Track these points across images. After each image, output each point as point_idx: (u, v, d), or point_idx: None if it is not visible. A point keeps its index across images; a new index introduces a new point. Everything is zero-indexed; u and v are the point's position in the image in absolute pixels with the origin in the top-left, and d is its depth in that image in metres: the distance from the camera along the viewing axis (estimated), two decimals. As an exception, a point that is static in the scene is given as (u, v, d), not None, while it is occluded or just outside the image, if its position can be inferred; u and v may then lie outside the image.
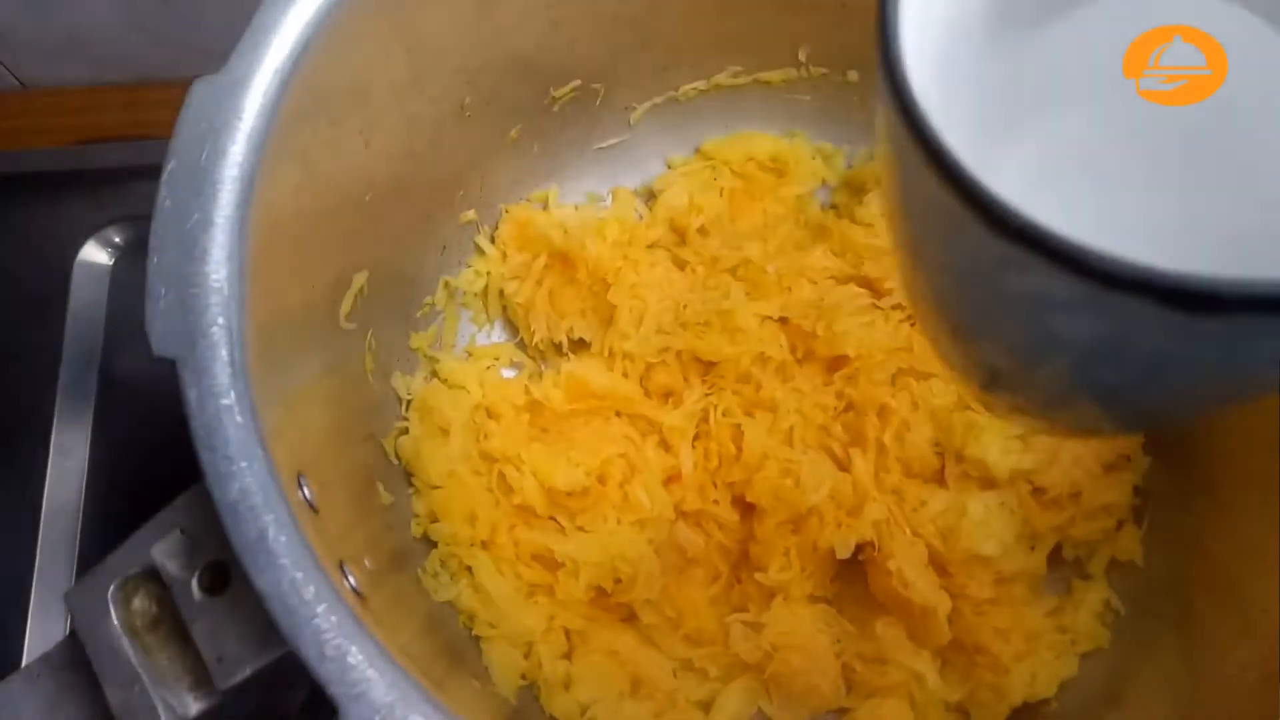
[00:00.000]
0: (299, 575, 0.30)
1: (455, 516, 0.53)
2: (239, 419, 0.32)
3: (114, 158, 0.73)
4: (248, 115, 0.37)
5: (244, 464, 0.32)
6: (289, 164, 0.39)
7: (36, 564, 0.61)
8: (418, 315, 0.58)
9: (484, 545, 0.53)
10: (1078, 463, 0.53)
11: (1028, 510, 0.53)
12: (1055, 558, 0.54)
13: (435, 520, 0.53)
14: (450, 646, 0.49)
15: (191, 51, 0.77)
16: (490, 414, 0.57)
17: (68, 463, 0.65)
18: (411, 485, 0.54)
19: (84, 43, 0.78)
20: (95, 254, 0.71)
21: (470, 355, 0.60)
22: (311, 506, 0.35)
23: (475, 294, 0.61)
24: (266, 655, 0.32)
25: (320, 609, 0.30)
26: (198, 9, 0.73)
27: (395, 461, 0.54)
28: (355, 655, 0.30)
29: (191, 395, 0.32)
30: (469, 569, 0.52)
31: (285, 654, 0.30)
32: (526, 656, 0.52)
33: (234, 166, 0.36)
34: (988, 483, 0.54)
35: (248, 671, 0.31)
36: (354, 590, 0.34)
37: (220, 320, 0.34)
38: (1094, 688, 0.50)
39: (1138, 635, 0.51)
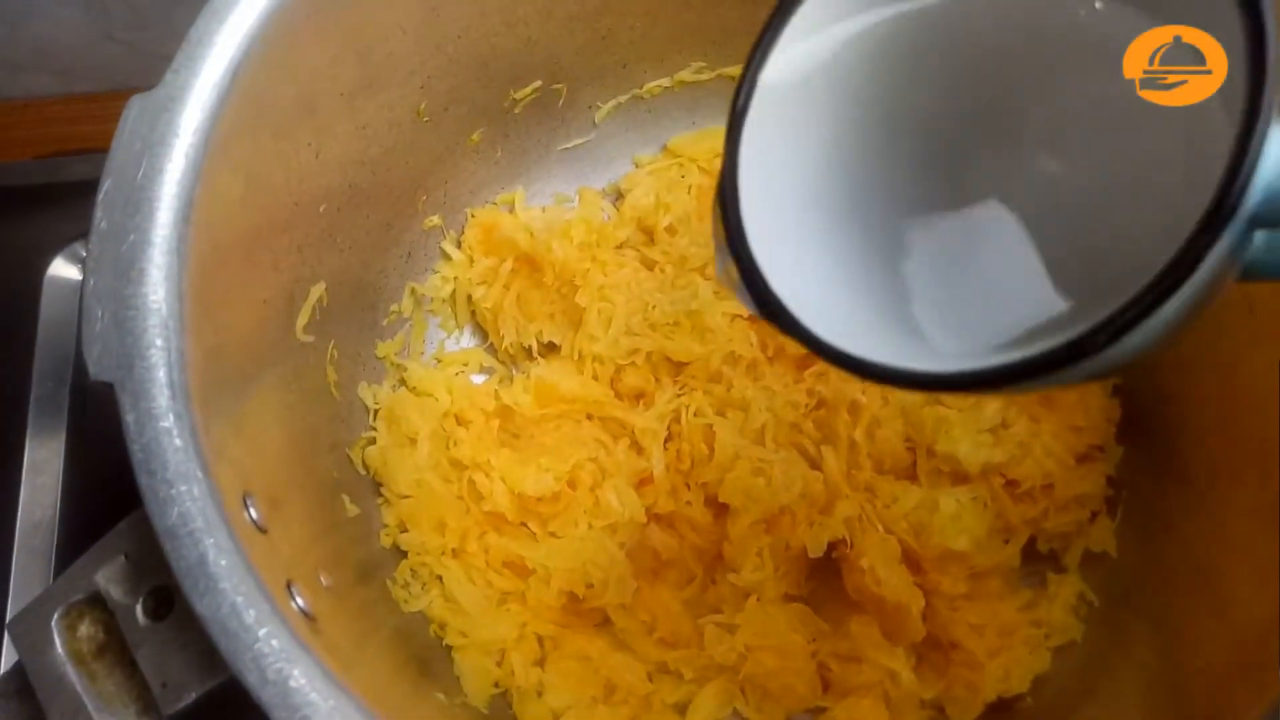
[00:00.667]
0: (240, 599, 0.30)
1: (425, 525, 0.52)
2: (178, 442, 0.32)
3: (84, 170, 0.73)
4: (185, 131, 0.36)
5: (183, 488, 0.31)
6: (231, 179, 0.38)
7: (11, 582, 0.61)
8: (384, 323, 0.57)
9: (454, 554, 0.52)
10: (1050, 454, 0.53)
11: (1000, 504, 0.53)
12: (1029, 551, 0.54)
13: (405, 530, 0.53)
14: (419, 658, 0.49)
15: (163, 61, 0.76)
16: (459, 421, 0.56)
17: (41, 479, 0.64)
18: (380, 495, 0.54)
19: (54, 54, 0.77)
20: (65, 269, 0.70)
21: (439, 362, 0.60)
22: (259, 527, 0.35)
23: (443, 300, 0.60)
24: (211, 680, 0.31)
25: (262, 633, 0.30)
26: (168, 18, 0.73)
27: (363, 472, 0.53)
28: (297, 679, 0.29)
29: (129, 419, 0.32)
30: (440, 578, 0.52)
31: (230, 679, 0.30)
32: (499, 664, 0.51)
33: (172, 184, 0.35)
34: (959, 477, 0.53)
35: (193, 697, 0.31)
36: (302, 612, 0.34)
37: (158, 342, 0.33)
38: (1067, 681, 0.50)
39: (1111, 627, 0.50)
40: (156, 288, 0.34)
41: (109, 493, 0.62)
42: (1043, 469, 0.52)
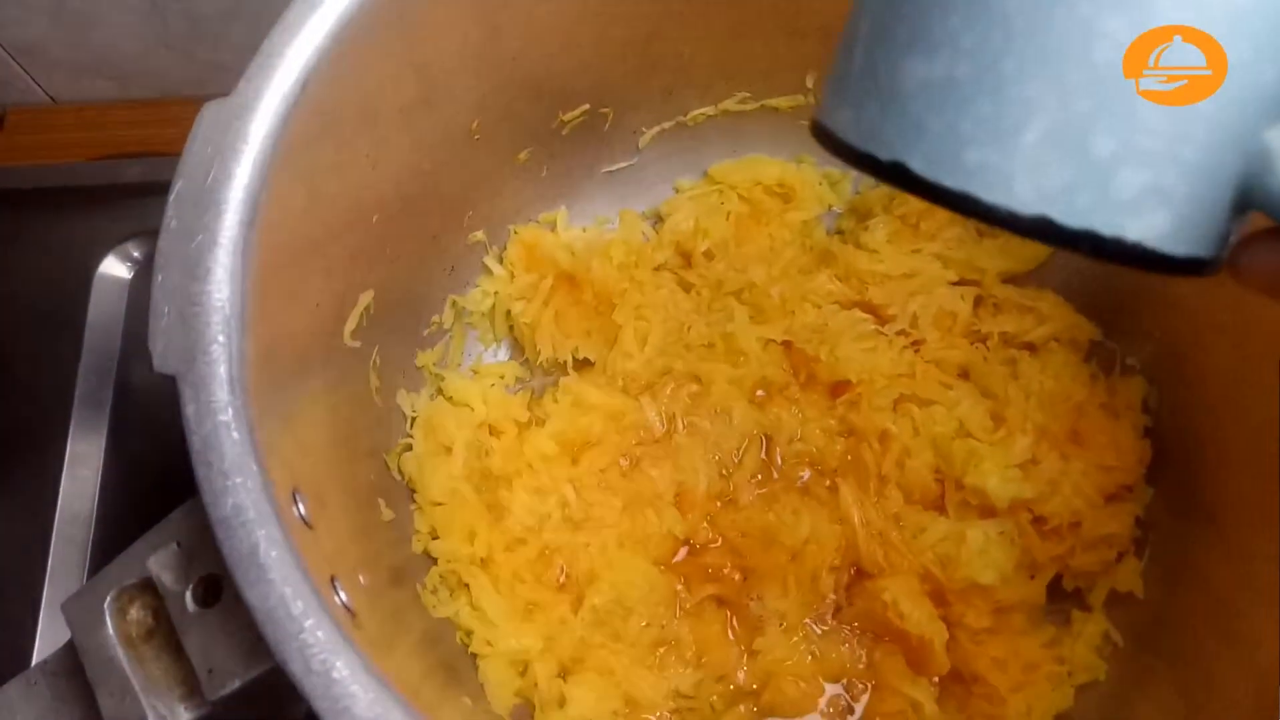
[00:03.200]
0: (288, 590, 0.31)
1: (455, 534, 0.53)
2: (235, 435, 0.33)
3: (137, 173, 0.75)
4: (254, 139, 0.37)
5: (239, 480, 0.32)
6: (295, 186, 0.40)
7: (48, 571, 0.62)
8: (425, 333, 0.58)
9: (483, 563, 0.53)
10: (1079, 492, 0.53)
11: (1028, 539, 0.53)
12: (1054, 588, 0.54)
13: (436, 537, 0.53)
14: (446, 663, 0.50)
15: (218, 70, 0.79)
16: (493, 431, 0.57)
17: (82, 472, 0.66)
18: (414, 502, 0.55)
19: (113, 60, 0.79)
20: (115, 268, 0.72)
21: (476, 373, 0.61)
22: (306, 522, 0.36)
23: (482, 313, 0.62)
24: (256, 668, 0.32)
25: (308, 624, 0.31)
26: (224, 28, 0.75)
27: (398, 477, 0.54)
28: (340, 670, 0.30)
29: (190, 411, 0.33)
30: (467, 586, 0.53)
31: (274, 667, 0.31)
32: (522, 675, 0.52)
33: (240, 189, 0.37)
34: (987, 511, 0.54)
35: (237, 684, 0.32)
36: (344, 606, 0.35)
37: (220, 338, 0.34)
38: (1089, 720, 0.50)
39: (1135, 668, 0.50)
40: (221, 286, 0.35)
41: (147, 488, 0.65)
42: (1071, 507, 0.53)
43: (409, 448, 0.55)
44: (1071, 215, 0.24)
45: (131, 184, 0.74)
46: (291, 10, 0.40)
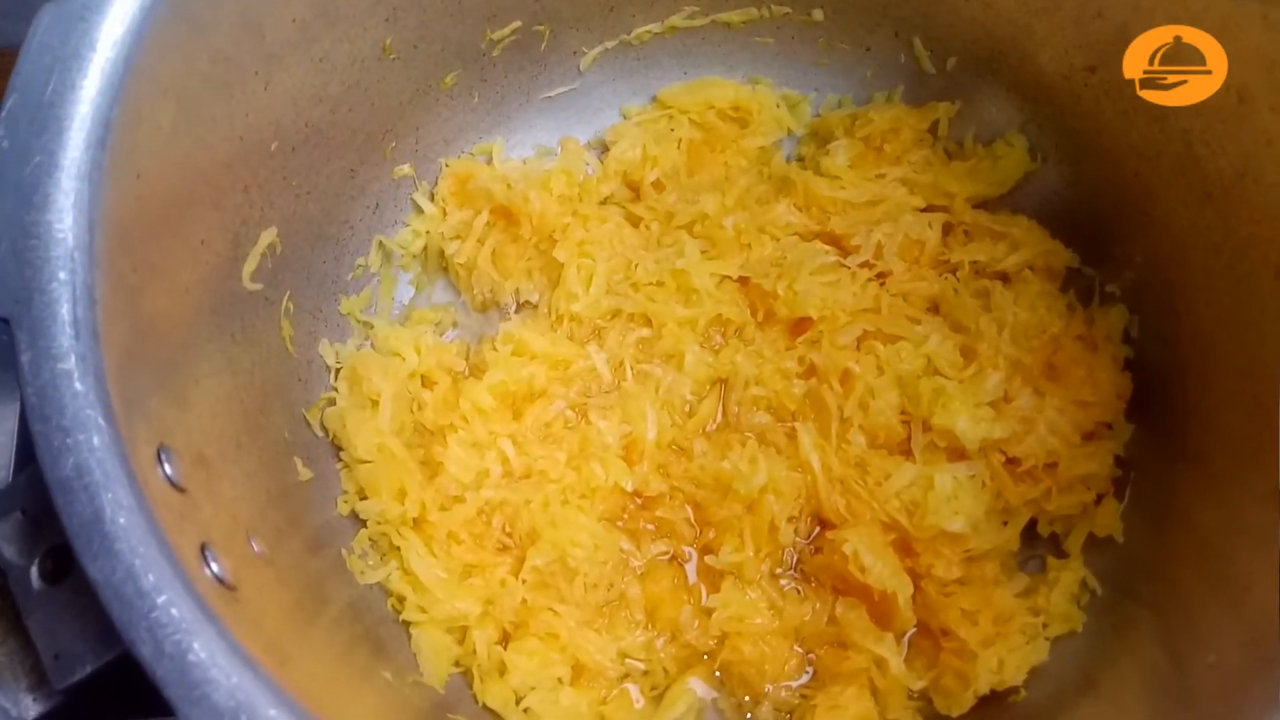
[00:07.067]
0: (137, 562, 0.27)
1: (384, 493, 0.49)
2: (78, 386, 0.29)
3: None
4: (103, 46, 0.33)
5: (81, 436, 0.28)
6: (160, 103, 0.35)
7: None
8: (349, 278, 0.54)
9: (415, 523, 0.49)
10: (1054, 431, 0.49)
11: (1000, 483, 0.49)
12: (1029, 534, 0.50)
13: (364, 497, 0.49)
14: (372, 635, 0.46)
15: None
16: (425, 382, 0.53)
17: (-8, 437, 0.61)
18: (340, 459, 0.50)
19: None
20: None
21: (409, 320, 0.56)
22: (174, 485, 0.31)
23: (413, 255, 0.57)
24: (108, 652, 0.28)
25: (160, 600, 0.27)
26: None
27: (320, 434, 0.50)
28: (197, 653, 0.26)
29: (25, 359, 0.29)
30: (400, 549, 0.49)
31: (128, 651, 0.27)
32: (460, 642, 0.48)
33: (86, 103, 0.32)
34: (957, 454, 0.50)
35: (87, 670, 0.28)
36: (216, 579, 0.30)
37: (62, 275, 0.30)
38: (1066, 674, 0.46)
39: (1115, 618, 0.47)
40: (63, 215, 0.30)
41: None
42: (1046, 446, 0.49)
43: (332, 401, 0.51)
44: None
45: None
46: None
